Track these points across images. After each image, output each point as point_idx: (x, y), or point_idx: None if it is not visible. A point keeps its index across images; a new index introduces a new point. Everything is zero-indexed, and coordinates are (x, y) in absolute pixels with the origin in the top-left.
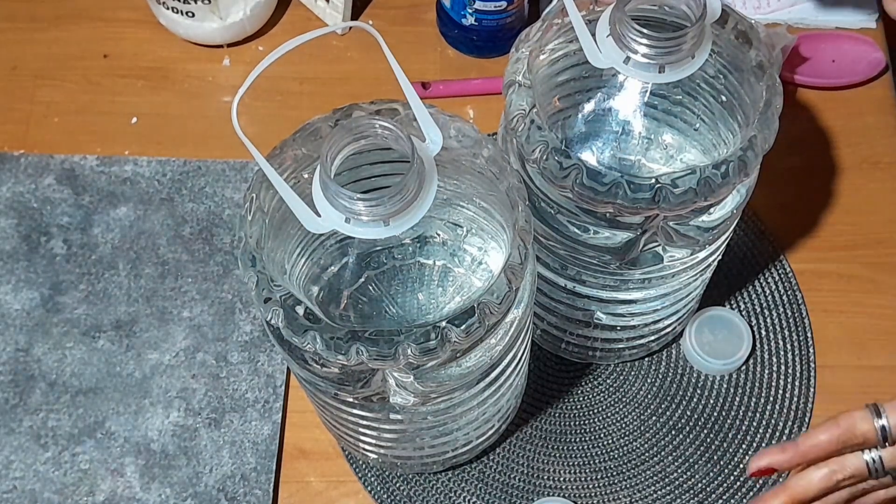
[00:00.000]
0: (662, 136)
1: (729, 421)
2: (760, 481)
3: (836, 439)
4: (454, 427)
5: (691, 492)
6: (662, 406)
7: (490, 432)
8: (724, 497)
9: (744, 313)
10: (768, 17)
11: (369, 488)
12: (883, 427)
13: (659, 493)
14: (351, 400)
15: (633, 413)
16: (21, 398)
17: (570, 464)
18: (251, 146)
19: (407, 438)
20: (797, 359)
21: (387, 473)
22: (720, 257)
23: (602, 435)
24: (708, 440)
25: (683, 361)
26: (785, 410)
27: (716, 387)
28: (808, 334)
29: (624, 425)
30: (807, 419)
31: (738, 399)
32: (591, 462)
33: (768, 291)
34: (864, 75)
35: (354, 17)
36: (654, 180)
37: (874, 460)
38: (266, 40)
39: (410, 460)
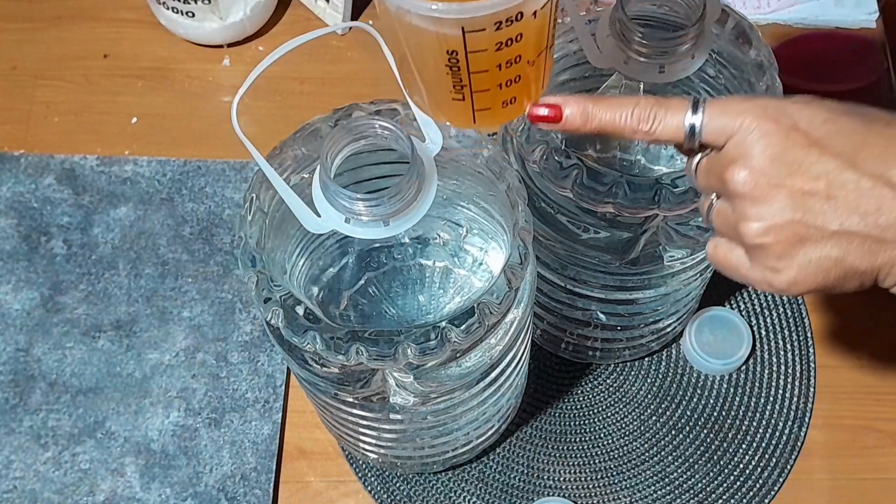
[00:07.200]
0: None
1: (729, 421)
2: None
3: (635, 112)
4: (454, 427)
5: (691, 492)
6: (662, 406)
7: (490, 432)
8: (724, 497)
9: (744, 313)
10: (768, 17)
11: (369, 488)
12: (692, 126)
13: (659, 493)
14: (351, 400)
15: (633, 413)
16: (21, 398)
17: (570, 464)
18: (251, 146)
19: (407, 438)
20: (797, 359)
21: (387, 473)
22: None
23: (602, 435)
24: (708, 440)
25: (683, 361)
26: (785, 410)
27: (716, 387)
28: (808, 334)
29: (624, 425)
30: (807, 419)
31: (738, 399)
32: (591, 462)
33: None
34: (864, 77)
35: (354, 17)
36: (654, 180)
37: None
38: (266, 40)
39: (410, 460)
